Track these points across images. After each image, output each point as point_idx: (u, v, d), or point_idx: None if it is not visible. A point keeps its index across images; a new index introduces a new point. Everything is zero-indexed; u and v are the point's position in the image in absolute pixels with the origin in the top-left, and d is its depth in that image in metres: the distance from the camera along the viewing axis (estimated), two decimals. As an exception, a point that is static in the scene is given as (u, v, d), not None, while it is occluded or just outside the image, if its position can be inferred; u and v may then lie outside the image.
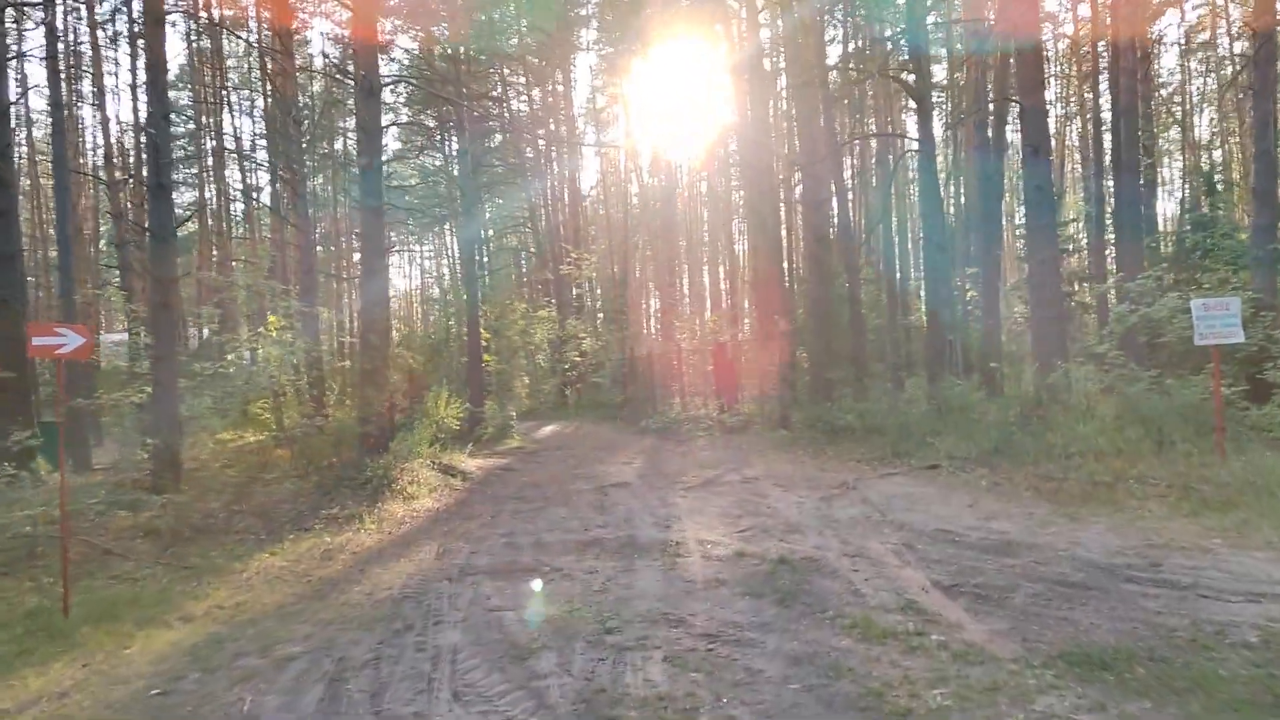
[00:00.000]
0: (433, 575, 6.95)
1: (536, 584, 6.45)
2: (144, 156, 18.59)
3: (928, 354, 15.11)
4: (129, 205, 21.08)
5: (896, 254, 23.12)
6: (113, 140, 24.24)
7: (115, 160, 23.51)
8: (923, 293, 22.10)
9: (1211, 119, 32.74)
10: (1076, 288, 21.58)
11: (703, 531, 8.07)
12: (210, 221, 32.79)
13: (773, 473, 11.61)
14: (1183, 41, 31.15)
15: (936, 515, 8.09)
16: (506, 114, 34.28)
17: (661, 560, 7.01)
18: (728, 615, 5.41)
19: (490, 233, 39.42)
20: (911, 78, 14.36)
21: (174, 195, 32.99)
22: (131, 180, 21.88)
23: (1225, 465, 8.04)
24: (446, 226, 38.43)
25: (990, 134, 17.40)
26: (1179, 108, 31.44)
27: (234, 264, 25.21)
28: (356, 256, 30.90)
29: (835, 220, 20.95)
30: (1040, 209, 12.90)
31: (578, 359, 27.36)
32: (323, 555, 7.86)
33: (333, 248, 36.07)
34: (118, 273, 19.31)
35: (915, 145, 15.22)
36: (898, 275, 23.02)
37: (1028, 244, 13.54)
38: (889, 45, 18.49)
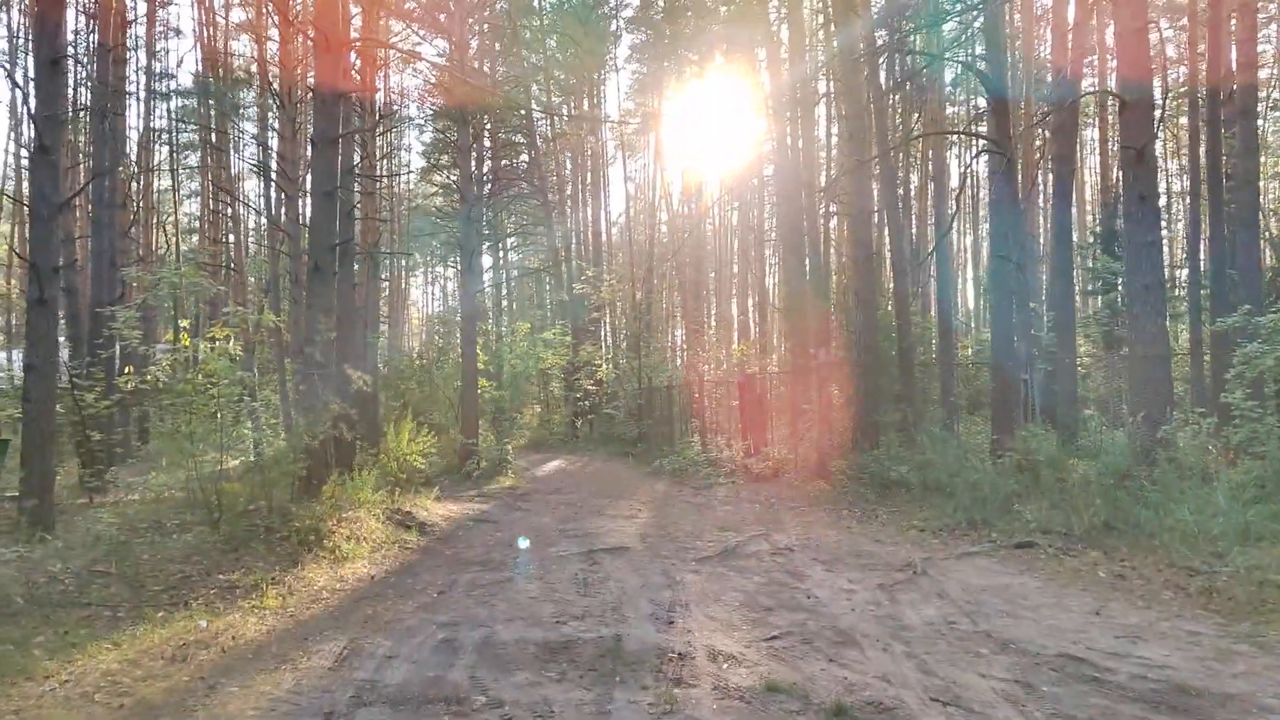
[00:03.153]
0: (310, 703, 4.63)
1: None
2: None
3: (995, 395, 12.64)
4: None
5: (949, 282, 20.74)
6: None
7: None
8: (987, 325, 19.75)
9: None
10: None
11: (718, 635, 5.76)
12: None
13: (812, 541, 9.20)
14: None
15: (1052, 628, 5.70)
16: (532, 130, 32.70)
17: (654, 691, 4.71)
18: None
19: (514, 257, 37.63)
20: (983, 65, 12.08)
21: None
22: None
23: None
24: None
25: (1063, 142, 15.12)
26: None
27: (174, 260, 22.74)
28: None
29: (885, 241, 18.69)
30: (1142, 223, 10.49)
31: (591, 388, 25.03)
32: (176, 653, 5.50)
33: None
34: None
35: (988, 150, 12.90)
36: (950, 306, 20.53)
37: (1126, 266, 11.15)
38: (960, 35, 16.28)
